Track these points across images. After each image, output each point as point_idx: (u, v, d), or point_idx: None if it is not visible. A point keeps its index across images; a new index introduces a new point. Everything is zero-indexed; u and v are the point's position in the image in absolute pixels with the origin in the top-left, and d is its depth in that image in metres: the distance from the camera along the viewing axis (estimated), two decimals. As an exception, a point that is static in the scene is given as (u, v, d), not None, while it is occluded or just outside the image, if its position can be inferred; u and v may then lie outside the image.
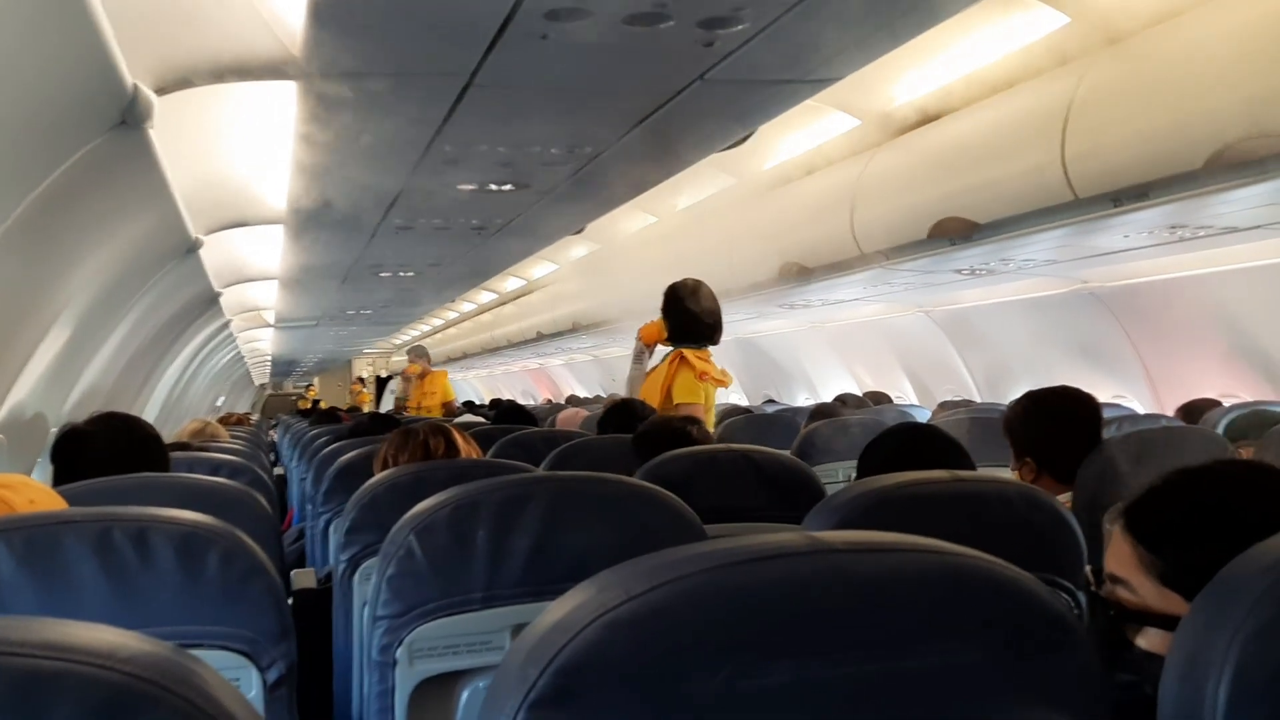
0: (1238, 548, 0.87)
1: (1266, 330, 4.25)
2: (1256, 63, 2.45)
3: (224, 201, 4.27)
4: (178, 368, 7.21)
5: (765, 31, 2.17)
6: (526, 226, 4.58)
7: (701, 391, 3.78)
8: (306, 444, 4.56)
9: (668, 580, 0.73)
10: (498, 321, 11.57)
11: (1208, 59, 2.59)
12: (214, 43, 2.37)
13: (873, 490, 1.47)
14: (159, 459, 2.25)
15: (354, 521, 1.98)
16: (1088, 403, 2.43)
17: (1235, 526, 0.99)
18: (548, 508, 1.46)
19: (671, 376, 3.79)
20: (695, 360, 3.78)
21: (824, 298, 5.64)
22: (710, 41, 2.30)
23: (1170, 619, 1.00)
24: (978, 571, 0.80)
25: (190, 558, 1.32)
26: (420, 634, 1.44)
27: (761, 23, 2.17)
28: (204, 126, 3.15)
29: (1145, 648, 1.02)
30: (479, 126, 2.94)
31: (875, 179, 4.03)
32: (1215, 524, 1.00)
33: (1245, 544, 0.89)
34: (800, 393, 8.41)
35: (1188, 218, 3.08)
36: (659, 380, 3.81)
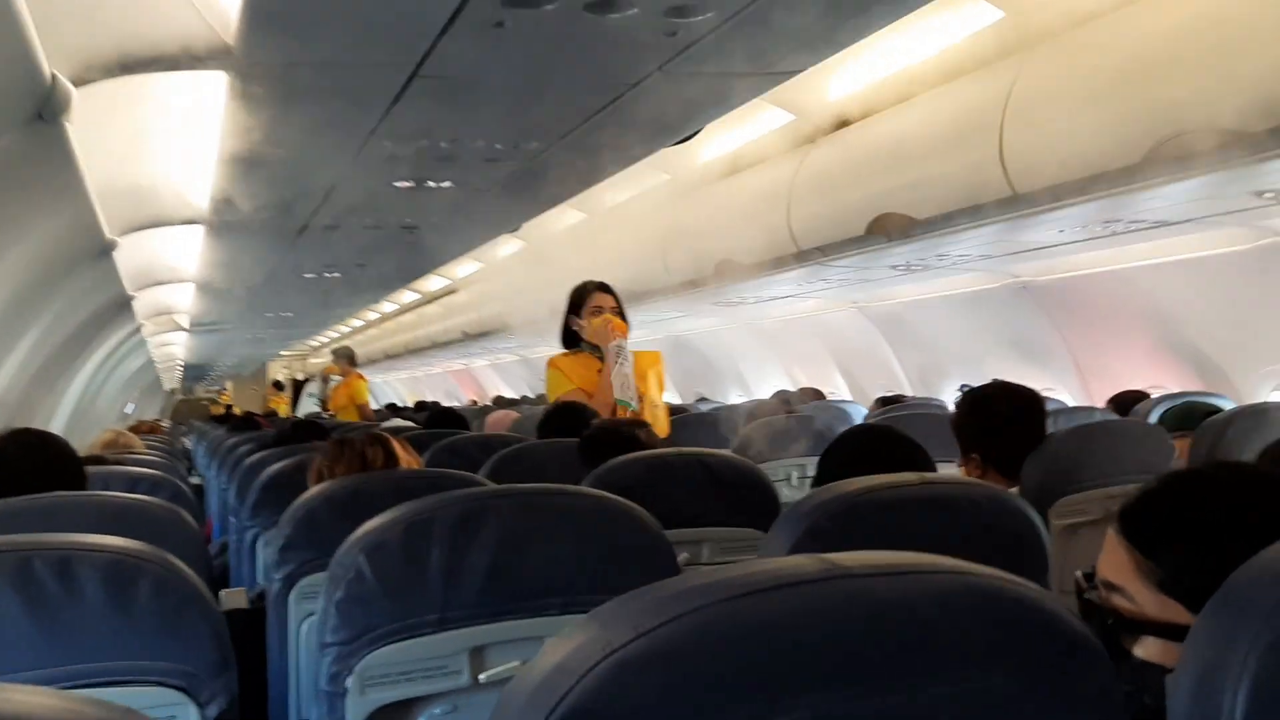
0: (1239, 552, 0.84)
1: (1193, 323, 4.35)
2: (1191, 59, 2.48)
3: (142, 201, 4.07)
4: (86, 375, 6.93)
5: (730, 21, 2.11)
6: (461, 225, 4.47)
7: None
8: (226, 453, 4.41)
9: (679, 614, 0.67)
10: (421, 322, 11.38)
11: (1143, 55, 2.62)
12: (140, 30, 2.21)
13: (840, 496, 1.44)
14: (76, 477, 2.12)
15: (288, 538, 1.88)
16: (1031, 399, 2.45)
17: (1235, 531, 0.96)
18: (507, 523, 1.39)
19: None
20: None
21: (758, 295, 5.64)
22: (673, 31, 2.24)
23: (1170, 627, 0.97)
24: (1000, 592, 0.75)
25: (119, 588, 1.23)
26: (372, 661, 1.36)
27: (727, 12, 2.11)
28: (123, 120, 2.97)
29: (1143, 657, 0.99)
30: (421, 120, 2.83)
31: (812, 175, 4.02)
32: (1214, 528, 0.98)
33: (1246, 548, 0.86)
34: (733, 390, 8.42)
35: (1121, 212, 3.12)
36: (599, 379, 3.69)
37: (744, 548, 2.05)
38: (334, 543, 1.46)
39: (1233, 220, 3.42)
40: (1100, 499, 2.40)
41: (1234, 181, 2.70)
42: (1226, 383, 4.22)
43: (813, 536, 1.38)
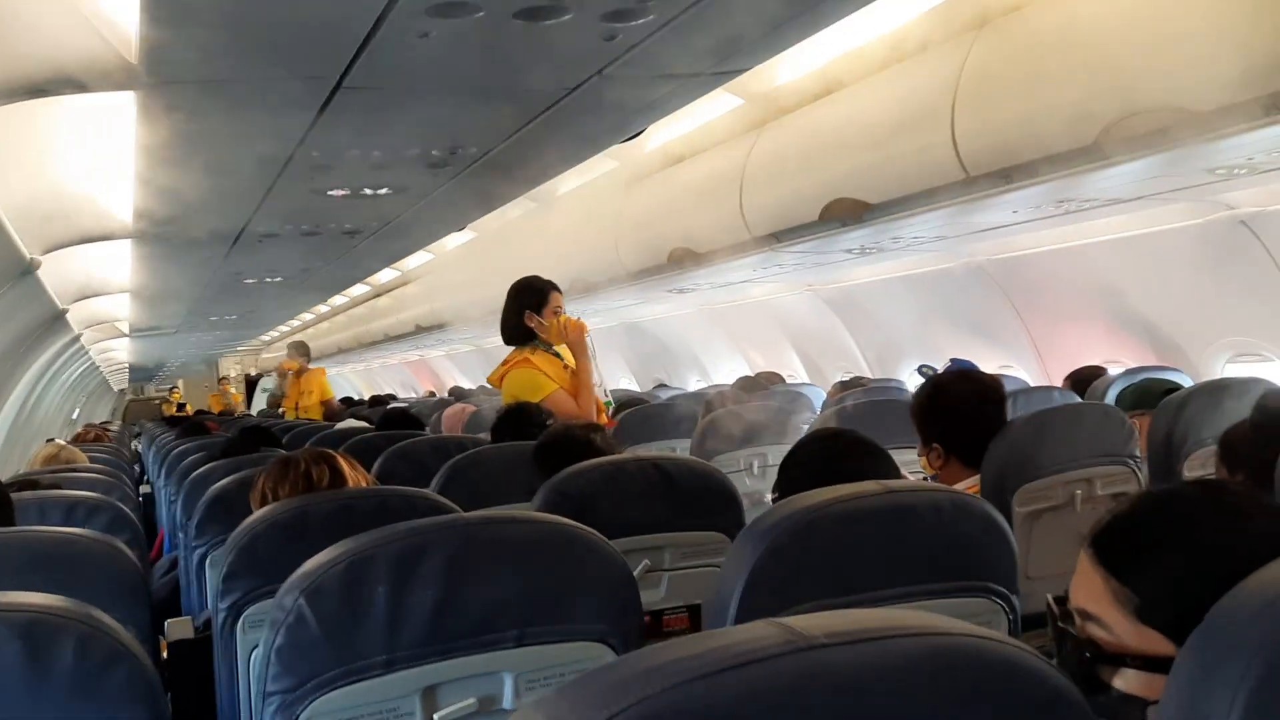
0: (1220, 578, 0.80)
1: (1147, 298, 4.37)
2: (1144, 38, 2.45)
3: (64, 218, 3.92)
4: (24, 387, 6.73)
5: (671, 24, 2.03)
6: (406, 228, 4.36)
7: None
8: (174, 462, 4.29)
9: (631, 703, 0.61)
10: (373, 314, 11.22)
11: (1095, 34, 2.59)
12: (34, 52, 2.07)
13: (801, 510, 1.40)
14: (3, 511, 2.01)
15: (232, 566, 1.81)
16: (991, 386, 2.43)
17: (1215, 555, 0.91)
18: (453, 556, 1.33)
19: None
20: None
21: (713, 280, 5.60)
22: (612, 35, 2.16)
23: (1150, 659, 0.93)
24: (969, 651, 0.70)
25: (38, 649, 1.16)
26: (318, 708, 1.30)
27: (669, 14, 2.03)
28: (35, 139, 2.83)
29: (1123, 689, 0.94)
30: (350, 132, 2.72)
31: (763, 160, 3.97)
32: (1193, 553, 0.93)
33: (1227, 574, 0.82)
34: (691, 376, 8.39)
35: (1075, 192, 3.10)
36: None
37: (705, 551, 2.02)
38: (280, 570, 1.40)
39: (1185, 196, 3.42)
40: (1062, 485, 2.40)
41: (1186, 159, 2.69)
42: (1182, 357, 4.25)
43: (775, 555, 1.34)
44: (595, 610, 1.39)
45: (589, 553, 1.41)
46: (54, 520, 2.41)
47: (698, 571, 2.01)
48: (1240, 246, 3.75)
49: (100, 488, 3.11)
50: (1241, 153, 2.62)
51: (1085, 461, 2.44)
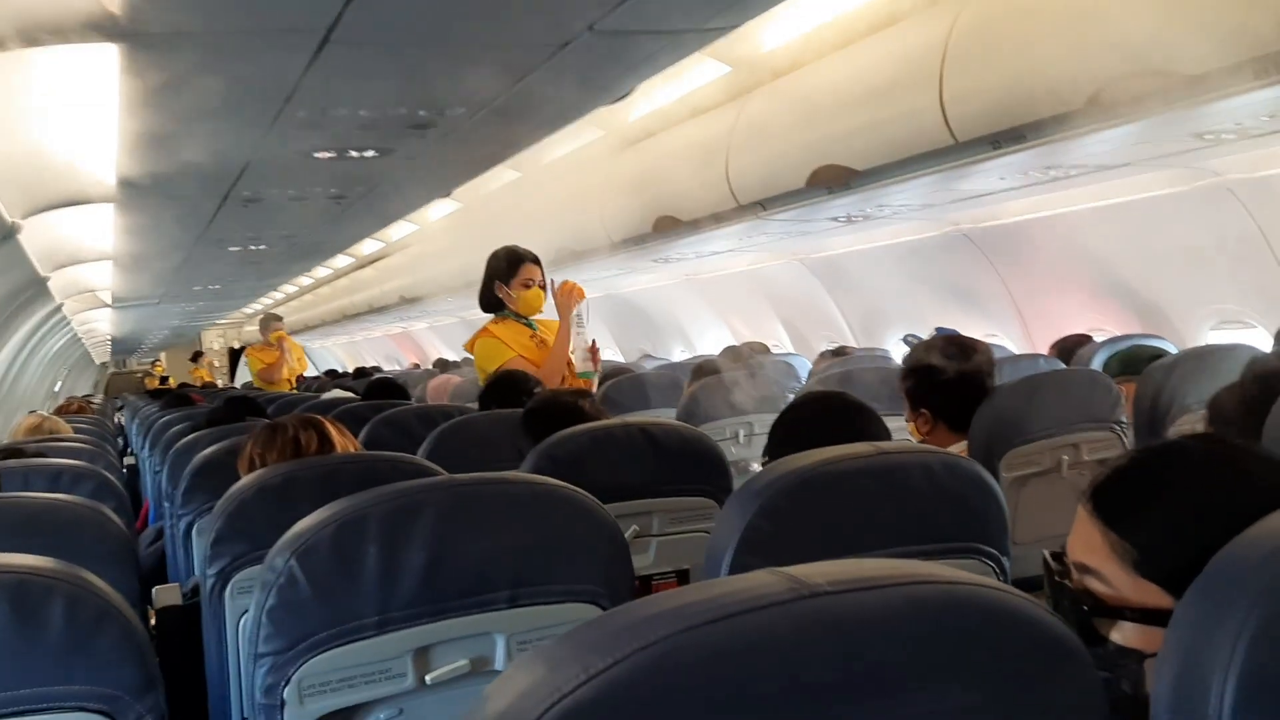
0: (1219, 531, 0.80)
1: (1132, 266, 4.38)
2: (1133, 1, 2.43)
3: (45, 180, 3.86)
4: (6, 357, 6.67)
5: (664, -23, 1.99)
6: (391, 193, 4.31)
7: None
8: (158, 433, 4.27)
9: (633, 650, 0.61)
10: (356, 286, 11.16)
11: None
12: (12, 1, 2.02)
13: (794, 471, 1.39)
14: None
15: (220, 532, 1.80)
16: (981, 353, 2.43)
17: (1214, 508, 0.92)
18: (443, 516, 1.33)
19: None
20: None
21: (698, 250, 5.58)
22: None
23: (1148, 612, 0.93)
24: (976, 600, 0.70)
25: (28, 610, 1.15)
26: (310, 669, 1.29)
27: None
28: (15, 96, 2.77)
29: (1120, 642, 0.95)
30: (337, 88, 2.68)
31: (749, 127, 3.94)
32: (1192, 505, 0.93)
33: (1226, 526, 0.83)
34: (676, 346, 8.39)
35: (1062, 158, 3.09)
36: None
37: (694, 517, 2.02)
38: (268, 535, 1.39)
39: (1173, 163, 3.42)
40: (1049, 450, 2.41)
41: (1174, 124, 2.68)
42: (1167, 324, 4.27)
43: (766, 515, 1.34)
44: (587, 571, 1.39)
45: (580, 514, 1.40)
46: (38, 488, 2.40)
47: (686, 537, 2.02)
48: (1226, 213, 3.76)
49: (85, 457, 3.08)
50: (1231, 117, 2.62)
51: (1072, 427, 2.45)
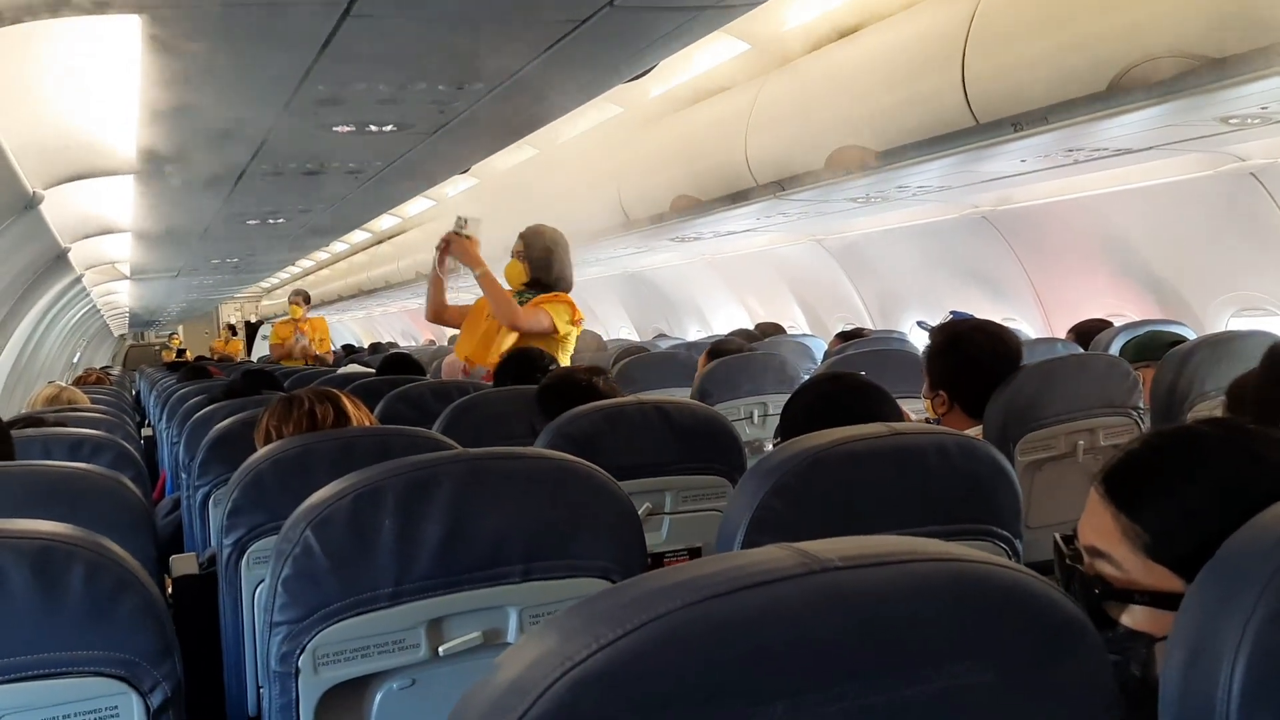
0: (1230, 515, 0.80)
1: (1153, 250, 4.34)
2: (1158, -19, 2.41)
3: (68, 151, 3.87)
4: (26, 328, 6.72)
5: (687, -49, 1.97)
6: (409, 169, 4.32)
7: None
8: (175, 405, 4.29)
9: (643, 621, 0.61)
10: (374, 261, 11.18)
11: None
12: None
13: (808, 450, 1.39)
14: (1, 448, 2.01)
15: (236, 503, 1.81)
16: (1010, 343, 2.39)
17: (1226, 493, 0.91)
18: (459, 489, 1.33)
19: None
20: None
21: (715, 229, 5.56)
22: None
23: (1159, 595, 0.93)
24: (986, 578, 0.70)
25: (49, 576, 1.16)
26: (324, 639, 1.30)
27: None
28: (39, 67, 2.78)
29: (1131, 625, 0.95)
30: (358, 62, 2.67)
31: (769, 107, 3.92)
32: (1204, 490, 0.93)
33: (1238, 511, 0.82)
34: (692, 325, 8.38)
35: (1085, 140, 3.07)
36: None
37: (706, 495, 2.02)
38: (284, 506, 1.40)
39: (1195, 147, 3.38)
40: (1064, 434, 2.40)
41: (1199, 108, 2.65)
42: (1187, 310, 4.24)
43: (780, 494, 1.34)
44: (600, 546, 1.39)
45: (594, 489, 1.41)
46: (58, 457, 2.41)
47: (699, 515, 2.02)
48: (1249, 199, 3.73)
49: (103, 427, 3.10)
50: (1256, 101, 2.59)
51: (1089, 412, 2.43)
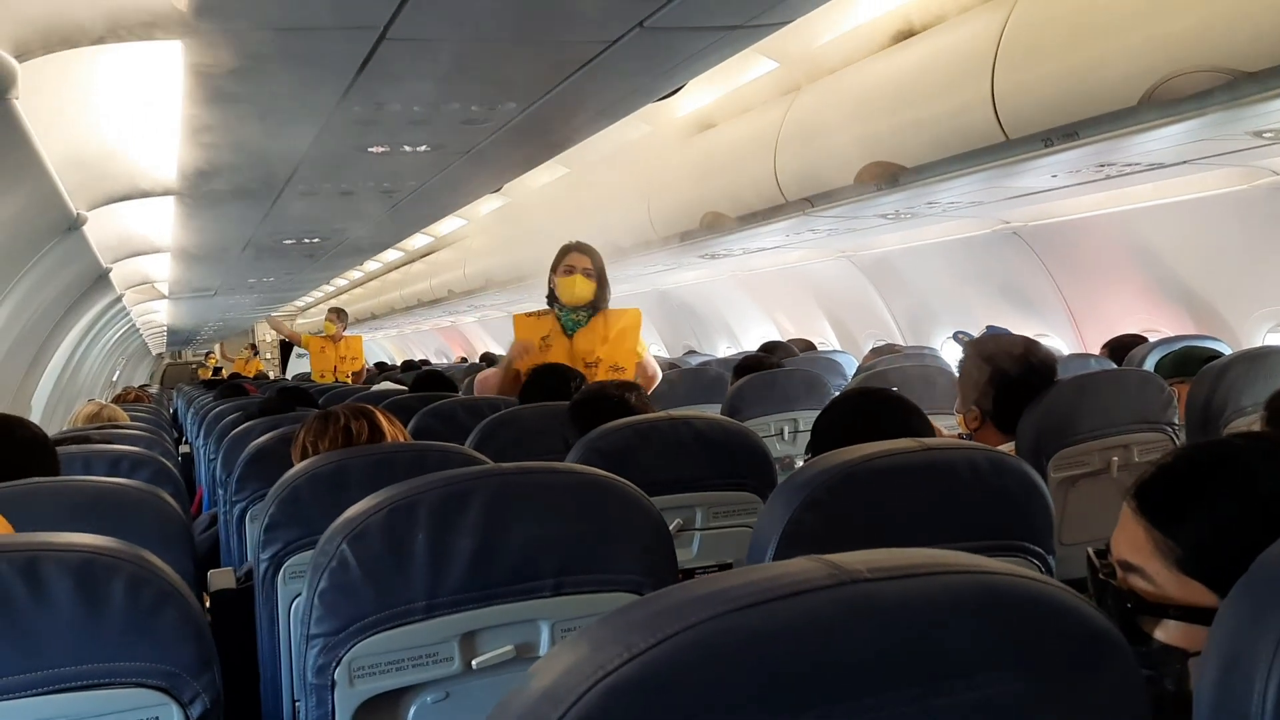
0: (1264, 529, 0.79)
1: (1187, 266, 4.30)
2: (1189, -5, 2.39)
3: (110, 174, 3.95)
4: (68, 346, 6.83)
5: (711, -26, 1.99)
6: (442, 188, 4.36)
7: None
8: (213, 422, 4.35)
9: (675, 631, 0.62)
10: (407, 280, 11.28)
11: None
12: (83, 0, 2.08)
13: (839, 465, 1.39)
14: (46, 463, 2.05)
15: (273, 517, 1.84)
16: (1043, 358, 2.37)
17: (1259, 507, 0.91)
18: (492, 504, 1.35)
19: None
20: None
21: (745, 246, 5.57)
22: None
23: (1192, 610, 0.93)
24: (1015, 591, 0.70)
25: (92, 588, 1.18)
26: (359, 651, 1.32)
27: None
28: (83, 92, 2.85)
29: (1164, 640, 0.94)
30: (392, 84, 2.71)
31: (798, 124, 3.93)
32: (1237, 504, 0.92)
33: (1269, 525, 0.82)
34: (722, 342, 8.38)
35: (1116, 155, 3.05)
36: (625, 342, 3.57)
37: (737, 511, 2.02)
38: (320, 521, 1.42)
39: (1228, 161, 3.35)
40: (1098, 450, 2.37)
41: (1231, 122, 2.63)
42: (1222, 325, 4.19)
43: (810, 508, 1.34)
44: (631, 561, 1.40)
45: (625, 504, 1.42)
46: (99, 473, 2.46)
47: (729, 531, 2.02)
48: (1284, 213, 3.69)
49: (142, 444, 3.15)
50: (1289, 115, 2.57)
51: (1123, 428, 2.41)
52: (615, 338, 3.53)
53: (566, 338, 3.50)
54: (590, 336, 3.51)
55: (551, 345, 3.47)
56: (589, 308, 3.52)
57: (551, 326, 3.51)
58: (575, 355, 3.46)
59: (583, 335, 3.50)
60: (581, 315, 3.52)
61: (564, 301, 3.50)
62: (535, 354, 3.44)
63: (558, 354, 3.43)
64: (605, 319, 3.54)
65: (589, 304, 3.51)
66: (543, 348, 3.46)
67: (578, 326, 3.51)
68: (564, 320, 3.52)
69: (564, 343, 3.49)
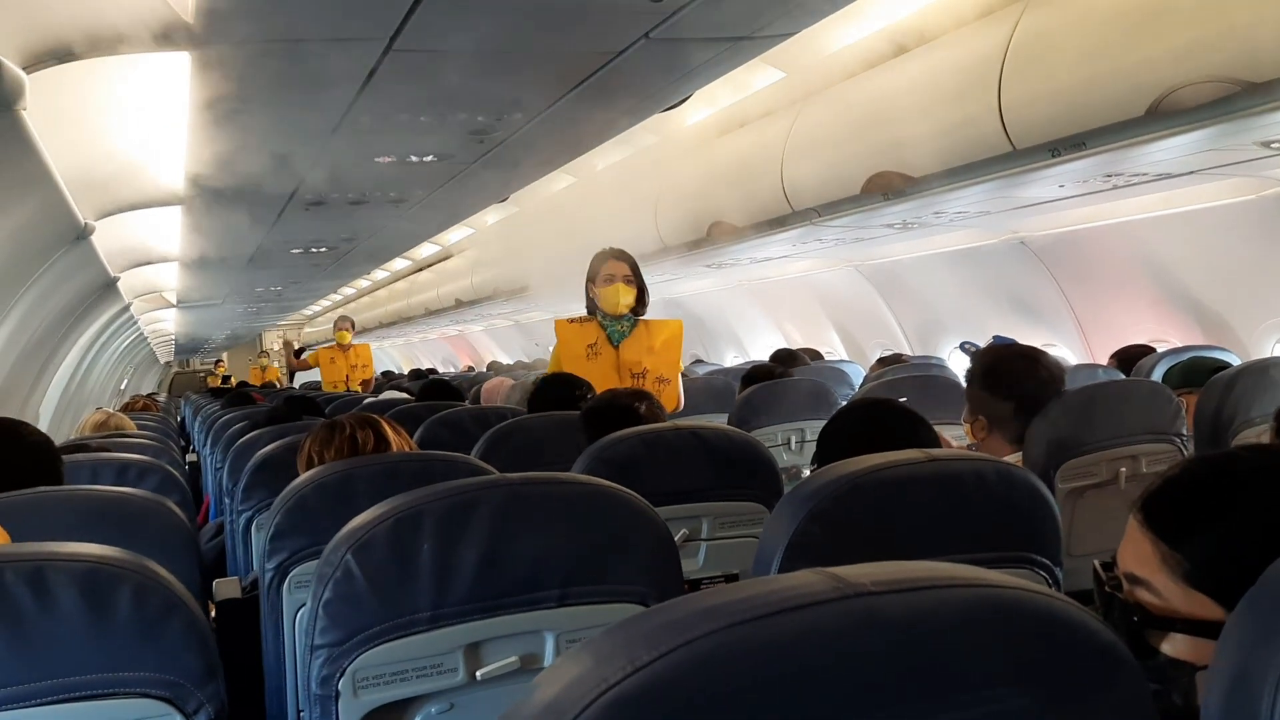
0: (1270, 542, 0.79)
1: (1196, 276, 4.29)
2: (1194, 5, 2.39)
3: (117, 183, 3.97)
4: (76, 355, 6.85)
5: (716, -15, 2.00)
6: (449, 198, 4.37)
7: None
8: (220, 430, 4.36)
9: (678, 644, 0.61)
10: (414, 289, 11.30)
11: (1145, 2, 2.53)
12: (90, 11, 2.09)
13: (846, 475, 1.39)
14: (50, 469, 2.05)
15: (279, 527, 1.84)
16: (1051, 368, 2.36)
17: (1266, 519, 0.90)
18: (497, 514, 1.34)
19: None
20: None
21: (752, 255, 5.57)
22: None
23: (1199, 623, 0.92)
24: (1021, 604, 0.70)
25: (96, 598, 1.18)
26: (364, 662, 1.32)
27: None
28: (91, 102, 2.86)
29: (1171, 654, 0.93)
30: (399, 96, 2.72)
31: (805, 134, 3.94)
32: (1244, 516, 0.92)
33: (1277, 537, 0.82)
34: (729, 351, 8.38)
35: (1123, 166, 3.04)
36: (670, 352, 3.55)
37: (743, 522, 2.02)
38: (326, 530, 1.42)
39: (1236, 171, 3.35)
40: (1107, 461, 2.36)
41: (1238, 132, 2.63)
42: (1231, 336, 4.18)
43: (816, 519, 1.34)
44: (637, 572, 1.40)
45: (631, 515, 1.41)
46: (106, 481, 2.46)
47: (736, 541, 2.01)
48: (1294, 223, 3.68)
49: (149, 453, 3.15)
50: (1296, 125, 2.56)
51: (1131, 438, 2.39)
52: (660, 348, 3.51)
53: (613, 347, 3.48)
54: (636, 346, 3.49)
55: (600, 354, 3.45)
56: (631, 315, 3.51)
57: (597, 335, 3.49)
58: (622, 365, 3.45)
59: (629, 345, 3.49)
60: (625, 325, 3.50)
61: (607, 311, 3.47)
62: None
63: (605, 364, 3.42)
64: (648, 329, 3.53)
65: (632, 311, 3.51)
66: (590, 356, 3.43)
67: (623, 337, 3.49)
68: (609, 330, 3.49)
69: (610, 353, 3.47)
